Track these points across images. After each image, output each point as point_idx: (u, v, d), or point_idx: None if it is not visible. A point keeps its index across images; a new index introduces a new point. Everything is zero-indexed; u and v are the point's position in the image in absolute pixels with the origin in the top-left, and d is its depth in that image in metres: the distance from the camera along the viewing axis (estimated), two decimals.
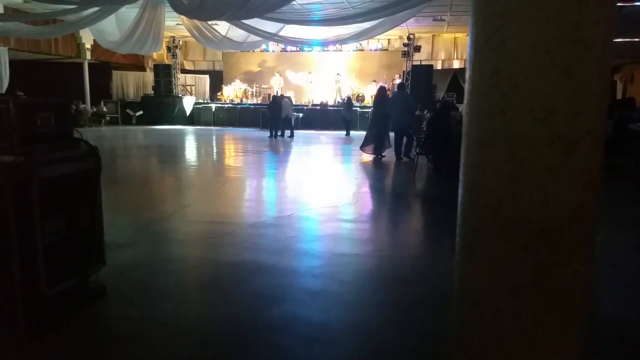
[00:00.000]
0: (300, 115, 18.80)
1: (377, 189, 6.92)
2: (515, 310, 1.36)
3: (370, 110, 14.21)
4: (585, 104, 1.26)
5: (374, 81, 19.85)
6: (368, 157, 9.69)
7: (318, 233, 4.59)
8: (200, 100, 21.36)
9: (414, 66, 18.09)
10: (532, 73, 1.26)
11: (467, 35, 1.45)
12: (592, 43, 1.23)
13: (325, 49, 19.97)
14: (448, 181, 7.01)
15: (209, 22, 14.65)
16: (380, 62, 20.71)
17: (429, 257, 3.99)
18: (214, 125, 19.41)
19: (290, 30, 15.01)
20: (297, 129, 18.49)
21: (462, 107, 1.51)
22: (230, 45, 17.17)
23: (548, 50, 1.24)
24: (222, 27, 15.46)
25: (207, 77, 23.04)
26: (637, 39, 13.58)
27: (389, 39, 20.72)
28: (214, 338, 2.45)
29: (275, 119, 14.71)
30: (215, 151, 12.03)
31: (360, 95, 19.60)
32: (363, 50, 20.90)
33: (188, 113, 20.34)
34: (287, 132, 15.30)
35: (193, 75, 22.97)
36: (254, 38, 15.94)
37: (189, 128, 18.56)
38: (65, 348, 2.33)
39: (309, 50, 20.63)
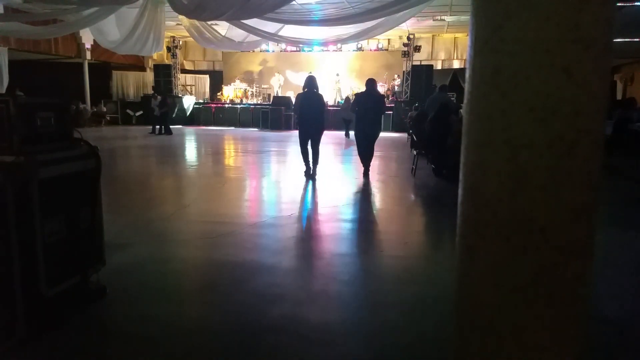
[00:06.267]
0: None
1: (377, 189, 6.92)
2: (515, 310, 1.36)
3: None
4: (585, 104, 1.26)
5: None
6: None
7: (318, 233, 4.59)
8: (200, 100, 21.37)
9: (414, 66, 18.09)
10: (532, 73, 1.26)
11: (467, 35, 1.45)
12: (592, 43, 1.23)
13: (325, 49, 19.97)
14: (448, 182, 7.01)
15: (209, 22, 14.65)
16: (380, 62, 20.72)
17: (429, 257, 3.99)
18: (214, 125, 19.41)
19: (290, 30, 15.01)
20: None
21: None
22: (230, 45, 17.16)
23: (548, 50, 1.24)
24: (222, 27, 15.46)
25: (207, 77, 23.05)
26: (637, 39, 13.58)
27: (389, 39, 20.73)
28: (214, 338, 2.45)
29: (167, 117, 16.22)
30: (215, 151, 12.03)
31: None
32: (363, 50, 20.91)
33: (188, 113, 20.35)
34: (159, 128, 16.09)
35: (193, 75, 22.99)
36: (253, 38, 15.94)
37: (189, 128, 18.56)
38: (65, 348, 2.33)
39: (309, 50, 20.63)
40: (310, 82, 7.46)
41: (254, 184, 7.35)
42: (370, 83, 7.79)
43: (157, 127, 15.68)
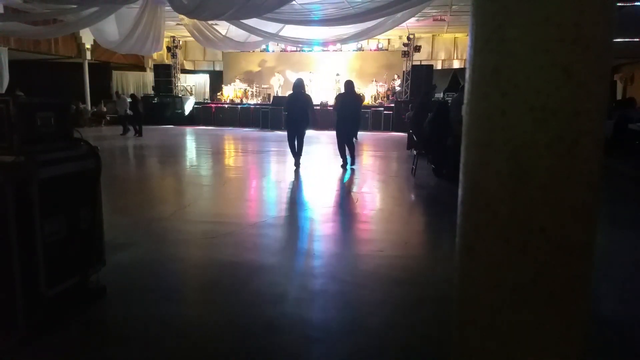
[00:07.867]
0: None
1: (377, 189, 6.92)
2: (515, 310, 1.36)
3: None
4: (585, 104, 1.26)
5: (374, 81, 19.83)
6: (368, 158, 9.68)
7: (318, 233, 4.59)
8: (200, 100, 21.37)
9: (414, 66, 18.10)
10: (532, 73, 1.26)
11: (467, 35, 1.45)
12: (592, 43, 1.23)
13: (325, 49, 19.97)
14: (448, 182, 7.01)
15: (209, 22, 14.65)
16: (380, 62, 20.72)
17: (429, 257, 3.99)
18: (214, 125, 19.40)
19: (290, 30, 15.02)
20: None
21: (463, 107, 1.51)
22: (230, 45, 17.17)
23: (548, 50, 1.24)
24: (222, 27, 15.47)
25: (207, 77, 23.05)
26: (637, 39, 13.57)
27: (389, 39, 20.73)
28: (214, 338, 2.45)
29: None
30: (215, 151, 12.03)
31: (361, 95, 19.60)
32: (363, 50, 20.91)
33: (188, 113, 20.33)
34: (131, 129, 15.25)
35: (193, 75, 22.98)
36: (254, 38, 15.95)
37: (189, 128, 18.56)
38: (65, 348, 2.33)
39: (309, 50, 20.63)
40: (298, 84, 8.47)
41: (254, 184, 7.35)
42: (349, 84, 8.70)
43: (131, 127, 14.92)
